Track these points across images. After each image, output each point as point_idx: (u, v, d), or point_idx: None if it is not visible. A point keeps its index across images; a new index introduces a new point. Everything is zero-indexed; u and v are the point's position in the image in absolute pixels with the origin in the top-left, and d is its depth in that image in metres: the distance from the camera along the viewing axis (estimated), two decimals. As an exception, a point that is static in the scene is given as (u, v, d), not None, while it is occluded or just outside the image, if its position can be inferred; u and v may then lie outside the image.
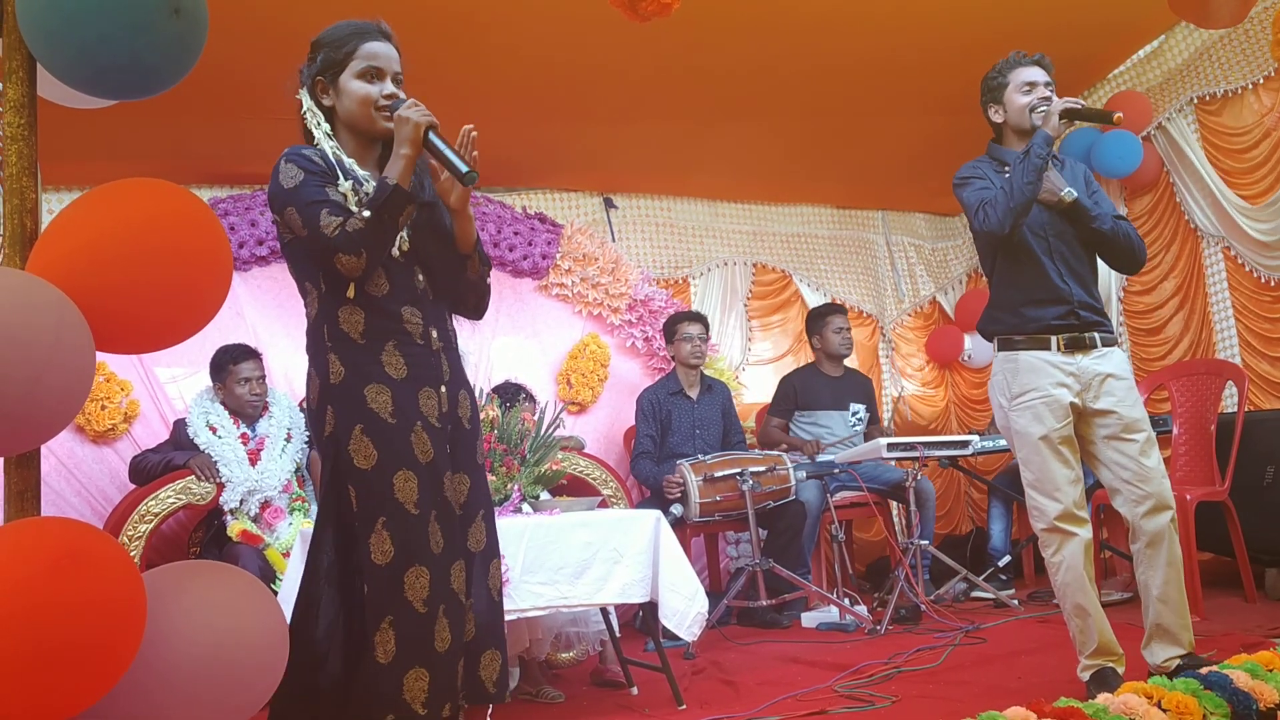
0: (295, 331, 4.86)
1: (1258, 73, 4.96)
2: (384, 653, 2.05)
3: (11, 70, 1.79)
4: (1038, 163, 2.83)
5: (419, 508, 2.13)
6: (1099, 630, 2.86)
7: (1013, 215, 2.84)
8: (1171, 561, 2.85)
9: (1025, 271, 2.98)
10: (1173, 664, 2.81)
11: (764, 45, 4.69)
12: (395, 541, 2.09)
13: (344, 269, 2.09)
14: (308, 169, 2.15)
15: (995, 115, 3.09)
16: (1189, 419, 4.66)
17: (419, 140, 2.16)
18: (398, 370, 2.18)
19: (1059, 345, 2.93)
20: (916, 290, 7.02)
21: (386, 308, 2.20)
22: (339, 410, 2.13)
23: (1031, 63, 3.04)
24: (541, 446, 3.57)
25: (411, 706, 2.05)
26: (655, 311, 5.69)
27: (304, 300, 2.26)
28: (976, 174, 3.02)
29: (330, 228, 2.08)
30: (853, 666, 3.54)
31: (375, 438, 2.12)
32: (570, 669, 3.84)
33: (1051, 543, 2.90)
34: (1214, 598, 4.26)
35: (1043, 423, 2.89)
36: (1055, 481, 2.88)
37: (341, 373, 2.15)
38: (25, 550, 1.47)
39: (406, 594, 2.08)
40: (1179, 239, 5.48)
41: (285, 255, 2.29)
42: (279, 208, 2.17)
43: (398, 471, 2.12)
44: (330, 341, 2.17)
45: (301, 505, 4.16)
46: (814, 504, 4.88)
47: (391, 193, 2.12)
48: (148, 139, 4.43)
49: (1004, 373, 2.99)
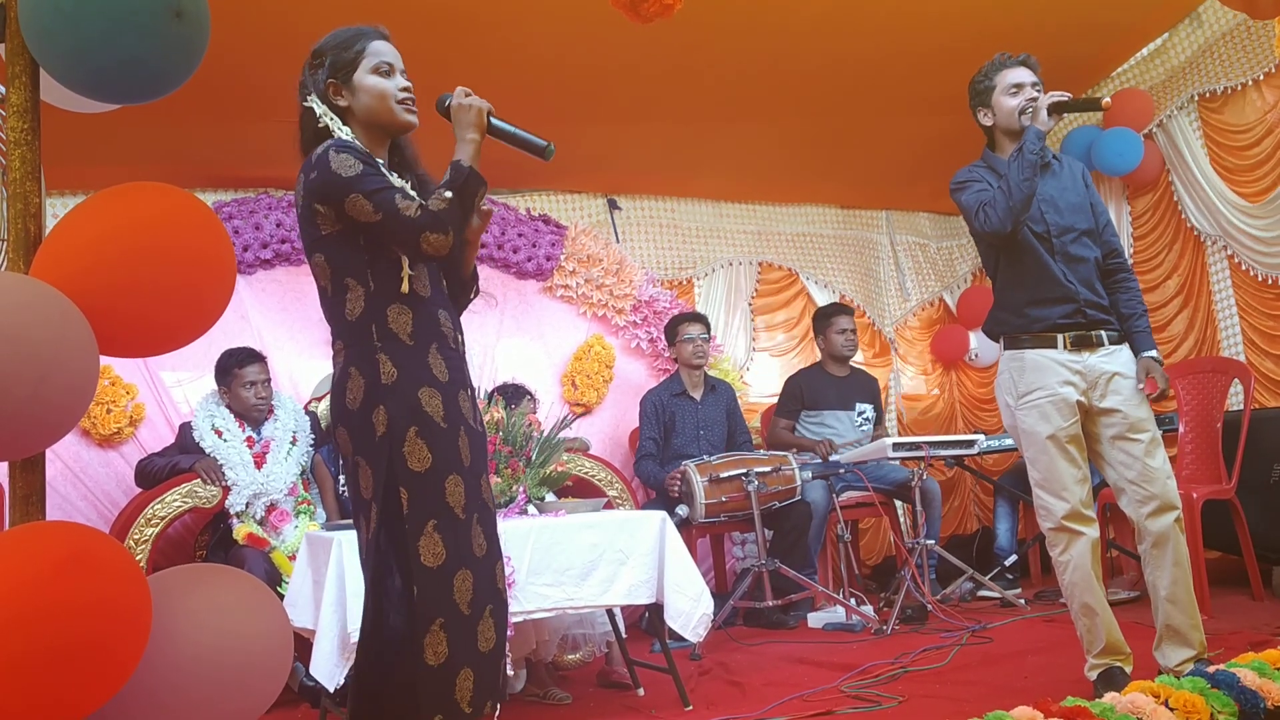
0: (300, 335, 4.88)
1: (1258, 68, 4.95)
2: (434, 655, 2.05)
3: (15, 74, 1.79)
4: (1032, 159, 2.83)
5: (465, 511, 2.14)
6: (1106, 629, 2.87)
7: (1013, 214, 2.85)
8: (1178, 562, 2.85)
9: (1030, 271, 2.97)
10: (1186, 668, 2.77)
11: (767, 46, 4.69)
12: (446, 544, 2.09)
13: (432, 248, 2.08)
14: (364, 159, 2.12)
15: (984, 119, 3.09)
16: (1195, 417, 4.65)
17: (483, 124, 2.18)
18: (442, 373, 2.18)
19: (1065, 343, 2.93)
20: (922, 289, 7.01)
21: (430, 310, 2.20)
22: (392, 411, 2.10)
23: (1018, 64, 3.03)
24: (547, 448, 3.57)
25: (460, 706, 2.06)
26: (660, 312, 5.69)
27: (338, 299, 2.17)
28: (973, 178, 3.03)
29: (411, 209, 2.07)
30: (859, 667, 3.54)
31: (429, 440, 2.11)
32: (577, 670, 3.84)
33: (1059, 542, 2.90)
34: (1221, 596, 4.25)
35: (1050, 421, 2.89)
36: (1062, 480, 2.88)
37: (394, 374, 2.12)
38: (31, 554, 1.47)
39: (455, 596, 2.09)
40: (1181, 237, 5.47)
41: (320, 249, 2.17)
42: (335, 196, 2.09)
43: (449, 475, 2.12)
44: (380, 341, 2.13)
45: (307, 508, 4.16)
46: (820, 504, 4.87)
47: (470, 174, 2.13)
48: (151, 143, 4.43)
49: (1010, 372, 3.00)
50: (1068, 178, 3.07)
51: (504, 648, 2.22)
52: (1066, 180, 3.06)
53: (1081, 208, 3.05)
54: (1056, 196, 3.02)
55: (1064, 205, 3.01)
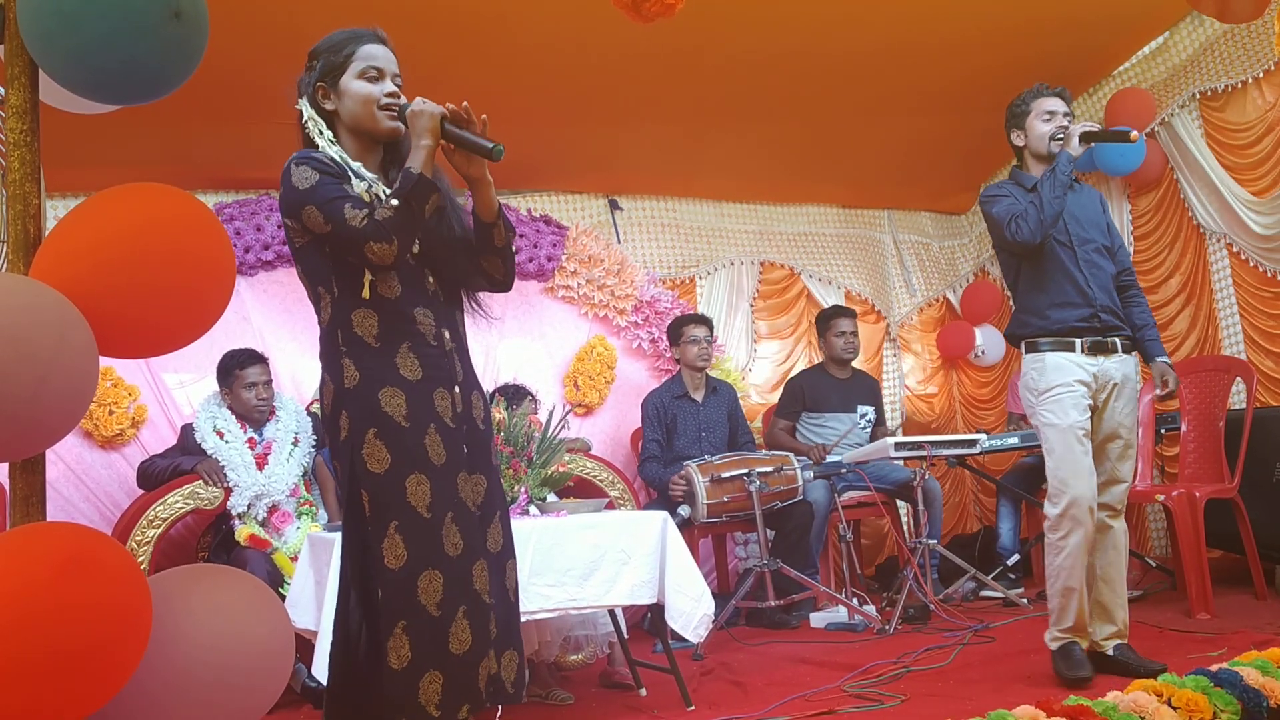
0: (301, 336, 4.88)
1: (1259, 66, 4.95)
2: (397, 658, 2.04)
3: (14, 75, 1.79)
4: (1064, 179, 3.19)
5: (431, 511, 2.12)
6: (1079, 611, 3.14)
7: (1043, 227, 3.17)
8: (1116, 547, 3.23)
9: (1053, 277, 3.27)
10: (1109, 645, 3.17)
11: (768, 46, 4.69)
12: (408, 545, 2.08)
13: (376, 257, 2.08)
14: (321, 169, 2.14)
15: (1017, 139, 3.41)
16: (1197, 416, 4.64)
17: (436, 130, 2.16)
18: (413, 372, 2.17)
19: (1083, 348, 3.22)
20: (927, 288, 7.00)
21: (400, 310, 2.19)
22: (353, 415, 2.12)
23: (1054, 94, 3.36)
24: (548, 448, 3.57)
25: (425, 709, 2.05)
26: (661, 313, 5.69)
27: (316, 307, 2.23)
28: (1003, 192, 3.34)
29: (357, 219, 2.07)
30: (861, 666, 3.54)
31: (388, 441, 2.11)
32: (579, 671, 3.83)
33: (1062, 528, 3.14)
34: (1224, 595, 4.25)
35: (1068, 415, 3.16)
36: (1077, 469, 3.12)
37: (356, 377, 2.14)
38: (31, 555, 1.47)
39: (420, 598, 2.07)
40: (1183, 236, 5.46)
41: (297, 260, 2.25)
42: (294, 209, 2.13)
43: (410, 475, 2.11)
44: (345, 346, 2.15)
45: (309, 509, 4.16)
46: (822, 504, 4.87)
47: (418, 181, 2.12)
48: (151, 144, 4.43)
49: (1033, 372, 3.27)
50: (1088, 199, 3.41)
51: (485, 649, 2.17)
52: (1086, 201, 3.39)
53: (1099, 225, 3.38)
54: (1078, 212, 3.33)
55: (1085, 220, 3.34)
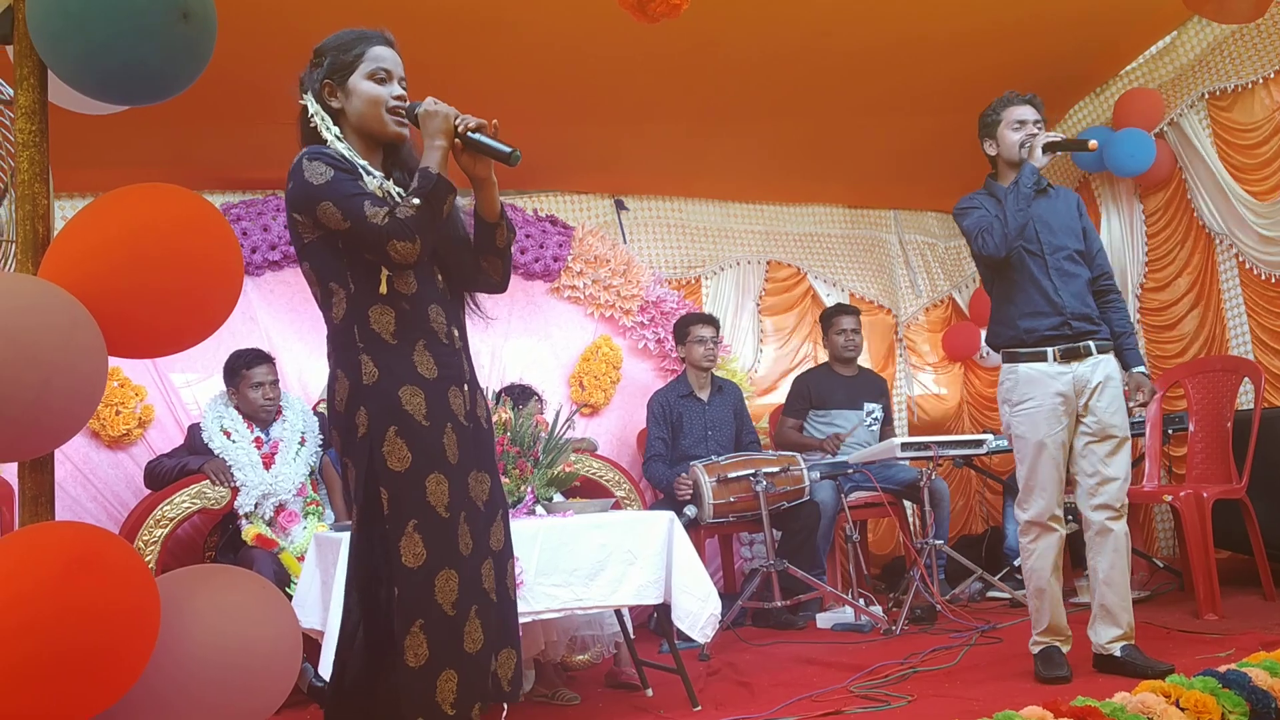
0: (308, 336, 4.89)
1: (1268, 67, 4.93)
2: (414, 656, 2.04)
3: (23, 76, 1.79)
4: (1026, 192, 3.21)
5: (449, 510, 2.12)
6: (1052, 612, 3.24)
7: (1007, 241, 3.21)
8: (1117, 549, 3.20)
9: (1021, 286, 3.30)
10: (1115, 647, 3.15)
11: (772, 46, 4.68)
12: (427, 544, 2.08)
13: (399, 255, 2.08)
14: (335, 165, 2.13)
15: (989, 149, 3.44)
16: (1205, 416, 4.63)
17: (450, 130, 2.16)
18: (429, 370, 2.17)
19: (1055, 356, 3.24)
20: (933, 288, 6.99)
21: (416, 307, 2.19)
22: (372, 411, 2.11)
23: (1024, 101, 3.37)
24: (554, 448, 3.57)
25: (441, 708, 2.05)
26: (667, 313, 5.68)
27: (326, 303, 2.21)
28: (974, 204, 3.38)
29: (378, 216, 2.07)
30: (868, 667, 3.54)
31: (409, 440, 2.10)
32: (585, 671, 3.84)
33: (1031, 533, 3.28)
34: (1232, 596, 4.23)
35: (1039, 429, 3.22)
36: (1043, 482, 3.23)
37: (375, 374, 2.12)
38: (39, 555, 1.48)
39: (437, 597, 2.07)
40: (1192, 236, 5.44)
41: (305, 257, 2.22)
42: (307, 204, 2.12)
43: (430, 474, 2.11)
44: (362, 342, 2.14)
45: (316, 509, 4.16)
46: (828, 504, 4.87)
47: (437, 181, 2.12)
48: (159, 144, 4.44)
49: (1007, 383, 3.33)
50: (1062, 204, 3.40)
51: (494, 648, 2.18)
52: (1060, 206, 3.39)
53: (1073, 231, 3.37)
54: (1050, 218, 3.34)
55: (1057, 226, 3.34)
